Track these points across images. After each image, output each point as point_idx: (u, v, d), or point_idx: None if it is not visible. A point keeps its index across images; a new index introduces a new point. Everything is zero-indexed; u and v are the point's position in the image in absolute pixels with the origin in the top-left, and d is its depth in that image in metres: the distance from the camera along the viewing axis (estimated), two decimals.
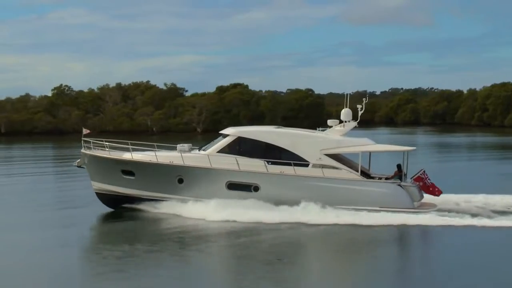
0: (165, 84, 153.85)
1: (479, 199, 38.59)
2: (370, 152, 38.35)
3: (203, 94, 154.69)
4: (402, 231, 32.56)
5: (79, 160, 39.47)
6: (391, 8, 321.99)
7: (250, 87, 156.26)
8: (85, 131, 39.23)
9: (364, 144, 37.30)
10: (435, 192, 36.66)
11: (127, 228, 33.53)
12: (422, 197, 36.52)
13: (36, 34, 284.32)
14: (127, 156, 37.91)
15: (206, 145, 38.42)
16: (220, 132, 38.57)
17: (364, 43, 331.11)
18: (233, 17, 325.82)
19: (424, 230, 32.55)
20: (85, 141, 38.65)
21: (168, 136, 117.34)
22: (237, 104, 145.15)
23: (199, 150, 37.83)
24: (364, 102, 37.98)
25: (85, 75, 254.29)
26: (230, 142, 36.98)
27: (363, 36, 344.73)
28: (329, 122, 38.55)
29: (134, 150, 37.89)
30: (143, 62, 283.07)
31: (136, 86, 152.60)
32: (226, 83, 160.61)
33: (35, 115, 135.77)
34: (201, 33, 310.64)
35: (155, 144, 38.74)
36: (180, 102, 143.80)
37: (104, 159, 38.05)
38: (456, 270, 25.00)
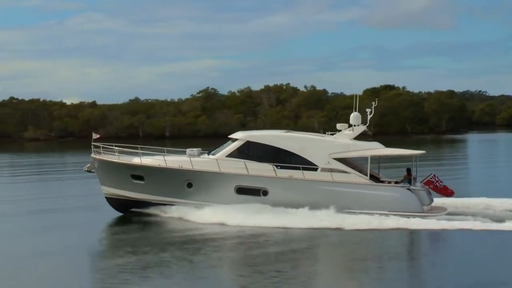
0: (305, 87, 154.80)
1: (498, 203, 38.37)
2: (379, 156, 38.24)
3: (351, 96, 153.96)
4: (412, 235, 32.43)
5: (89, 165, 39.63)
6: (411, 12, 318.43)
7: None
8: (94, 135, 39.36)
9: (373, 148, 37.19)
10: (448, 193, 36.59)
11: (137, 233, 33.53)
12: (431, 201, 36.34)
13: (56, 40, 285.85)
14: (136, 160, 38.01)
15: (215, 149, 38.45)
16: (229, 136, 38.62)
17: (383, 47, 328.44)
18: (252, 22, 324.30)
19: (433, 234, 32.39)
20: (95, 146, 38.79)
21: None
22: (405, 106, 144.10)
23: (208, 155, 37.87)
24: (373, 105, 37.90)
25: (103, 80, 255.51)
26: (239, 147, 36.98)
27: (382, 40, 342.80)
28: (338, 126, 38.42)
29: (143, 154, 38.01)
30: (162, 67, 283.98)
31: (280, 88, 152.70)
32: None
33: (198, 119, 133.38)
34: (220, 38, 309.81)
35: (164, 148, 38.81)
36: (344, 103, 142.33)
37: (113, 163, 38.16)
38: (467, 275, 24.87)
